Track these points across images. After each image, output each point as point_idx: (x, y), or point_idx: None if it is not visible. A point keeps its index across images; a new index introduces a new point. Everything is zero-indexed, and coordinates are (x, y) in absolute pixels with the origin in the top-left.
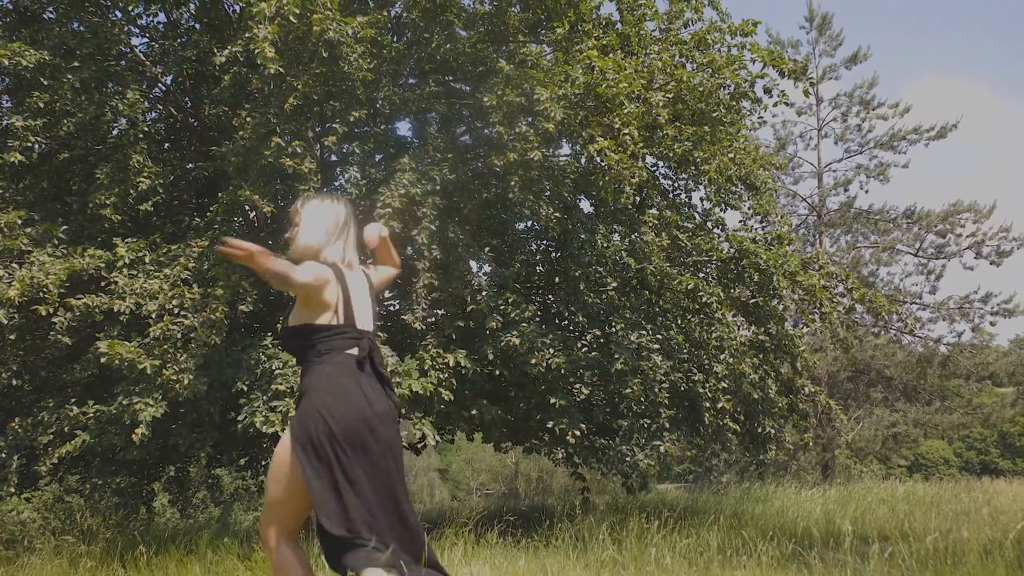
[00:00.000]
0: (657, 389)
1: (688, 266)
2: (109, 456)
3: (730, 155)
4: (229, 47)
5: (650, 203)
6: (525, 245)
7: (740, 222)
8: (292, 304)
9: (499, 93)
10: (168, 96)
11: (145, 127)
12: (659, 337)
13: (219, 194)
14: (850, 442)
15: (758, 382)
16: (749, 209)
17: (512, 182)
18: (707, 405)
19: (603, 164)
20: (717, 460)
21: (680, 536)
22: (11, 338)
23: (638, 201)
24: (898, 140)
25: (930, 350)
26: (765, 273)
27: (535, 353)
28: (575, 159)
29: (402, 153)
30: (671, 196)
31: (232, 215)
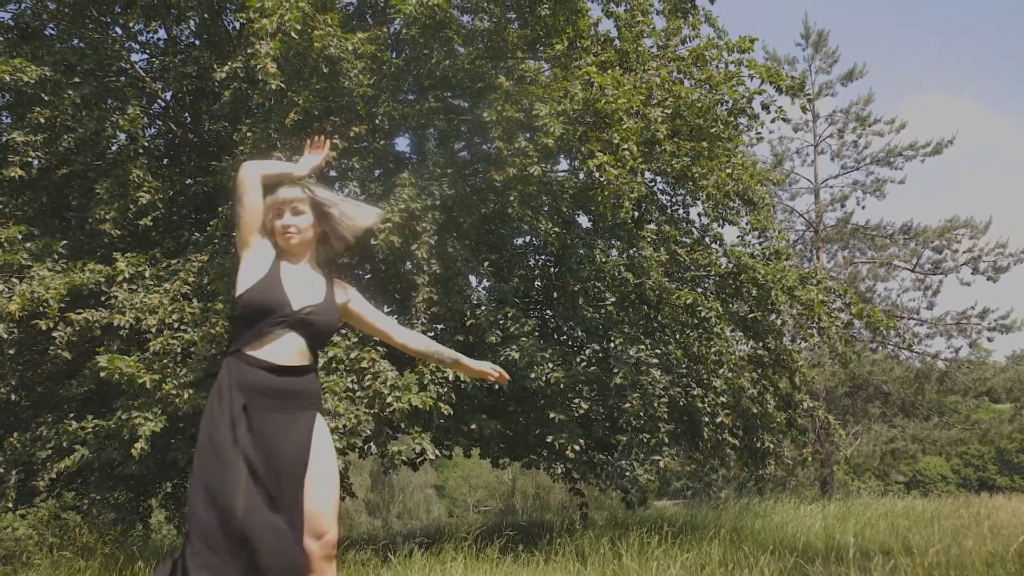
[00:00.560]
0: (656, 404)
1: (686, 281)
2: (107, 471)
3: (728, 171)
4: (229, 63)
5: (649, 218)
6: (523, 260)
7: (738, 237)
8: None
9: (499, 108)
10: (167, 112)
11: (145, 143)
12: (658, 352)
13: (219, 208)
14: (849, 457)
15: (757, 397)
16: (747, 225)
17: (511, 197)
18: (706, 420)
19: (602, 179)
20: (716, 475)
21: (681, 550)
22: (10, 353)
23: (636, 216)
24: (894, 156)
25: (928, 365)
26: (763, 288)
27: (534, 368)
28: (573, 174)
29: (401, 168)
30: (669, 211)
31: (232, 230)
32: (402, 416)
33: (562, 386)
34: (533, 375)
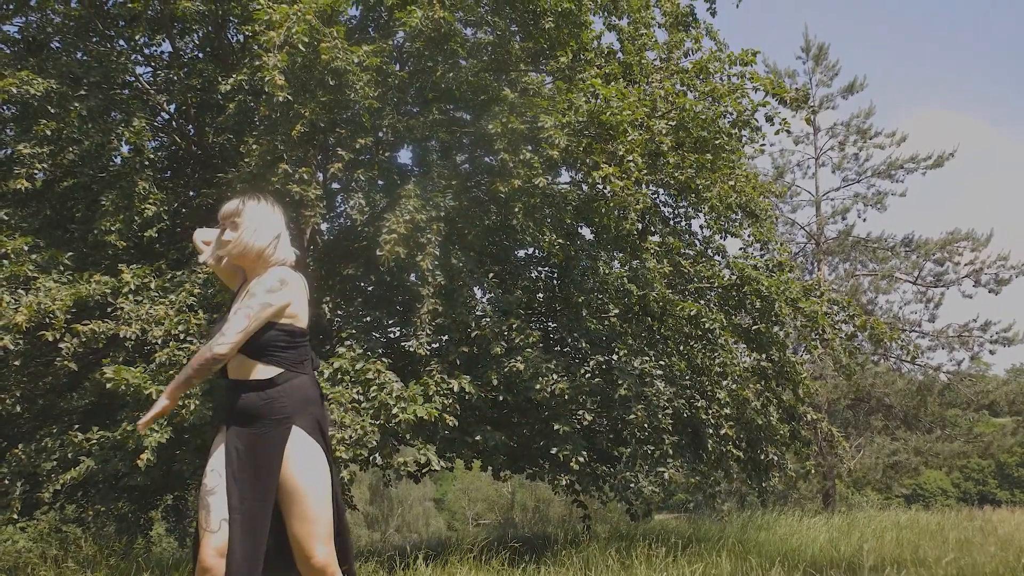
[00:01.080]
0: (660, 415)
1: (690, 293)
2: (112, 482)
3: (731, 182)
4: (235, 75)
5: (652, 230)
6: (526, 272)
7: (740, 249)
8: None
9: (504, 120)
10: (170, 124)
11: (151, 155)
12: (662, 363)
13: None
14: (852, 470)
15: (760, 409)
16: (749, 237)
17: (516, 208)
18: (710, 432)
19: (607, 191)
20: (719, 488)
21: (689, 562)
22: (15, 364)
23: (641, 228)
24: (895, 169)
25: (930, 378)
26: (767, 300)
27: (539, 379)
28: (576, 186)
29: (405, 180)
30: (672, 223)
31: None
32: (407, 427)
33: (566, 397)
34: (538, 386)
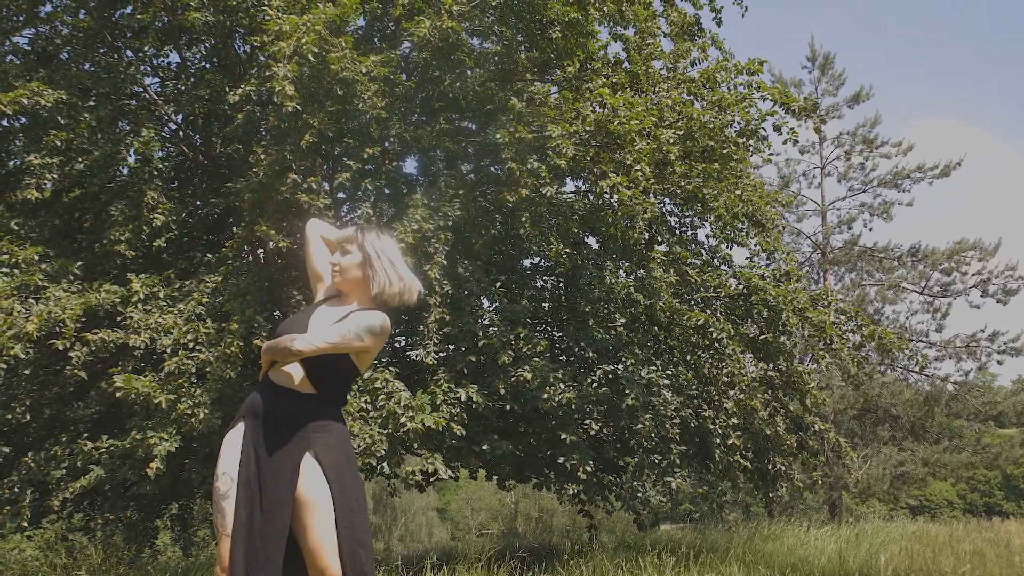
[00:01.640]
0: (668, 425)
1: (697, 302)
2: (121, 491)
3: (738, 192)
4: (243, 86)
5: (659, 239)
6: (533, 281)
7: (747, 259)
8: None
9: (511, 130)
10: (178, 134)
11: (160, 165)
12: (669, 373)
13: (234, 229)
14: (859, 481)
15: (767, 419)
16: (756, 246)
17: (523, 218)
18: (717, 442)
19: (614, 200)
20: (726, 497)
21: (699, 572)
22: (25, 373)
23: (648, 237)
24: (902, 178)
25: (937, 388)
26: (774, 309)
27: (546, 388)
28: (583, 195)
29: (412, 190)
30: (678, 232)
31: (242, 252)
32: (415, 436)
33: (573, 407)
34: (545, 395)
